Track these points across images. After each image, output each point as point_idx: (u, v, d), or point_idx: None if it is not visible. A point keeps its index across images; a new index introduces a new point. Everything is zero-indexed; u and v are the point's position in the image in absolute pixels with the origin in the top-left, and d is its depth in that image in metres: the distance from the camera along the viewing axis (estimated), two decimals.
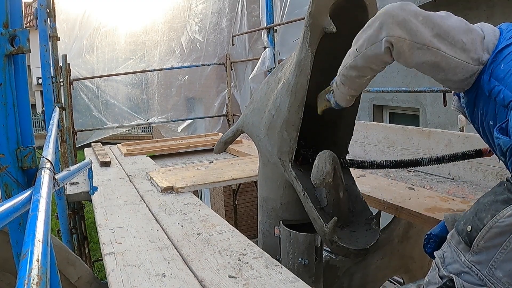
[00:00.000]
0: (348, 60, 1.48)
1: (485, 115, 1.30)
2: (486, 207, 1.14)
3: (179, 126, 7.76)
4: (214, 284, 1.58)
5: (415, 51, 1.27)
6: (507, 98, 1.19)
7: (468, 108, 1.40)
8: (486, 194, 1.20)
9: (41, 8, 3.49)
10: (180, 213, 2.41)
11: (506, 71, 1.21)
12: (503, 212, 1.09)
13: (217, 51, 7.38)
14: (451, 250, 1.22)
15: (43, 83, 3.62)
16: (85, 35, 7.06)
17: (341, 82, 1.57)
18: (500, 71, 1.23)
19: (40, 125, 19.03)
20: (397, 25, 1.26)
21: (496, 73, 1.23)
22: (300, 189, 1.93)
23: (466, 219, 1.19)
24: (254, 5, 6.51)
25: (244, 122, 2.34)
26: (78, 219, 4.28)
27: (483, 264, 1.13)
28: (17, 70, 1.19)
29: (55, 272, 1.26)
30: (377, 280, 3.13)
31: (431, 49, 1.25)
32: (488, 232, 1.11)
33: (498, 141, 1.19)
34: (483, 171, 2.61)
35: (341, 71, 1.54)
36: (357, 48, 1.41)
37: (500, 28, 1.34)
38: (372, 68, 1.44)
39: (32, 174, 1.24)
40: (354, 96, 1.65)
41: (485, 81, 1.26)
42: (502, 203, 1.11)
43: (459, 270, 1.18)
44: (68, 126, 5.11)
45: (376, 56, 1.36)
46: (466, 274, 1.16)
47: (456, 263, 1.19)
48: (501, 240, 1.09)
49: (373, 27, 1.34)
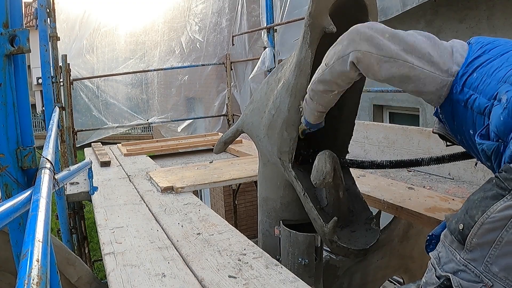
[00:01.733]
0: (317, 75, 1.55)
1: (464, 126, 1.35)
2: (476, 204, 1.14)
3: (179, 126, 7.77)
4: (214, 284, 1.58)
5: (383, 64, 1.34)
6: (482, 105, 1.24)
7: (448, 122, 1.46)
8: (475, 191, 1.21)
9: (41, 8, 3.49)
10: (180, 213, 2.41)
11: (479, 79, 1.27)
12: (493, 207, 1.09)
13: (217, 51, 7.38)
14: (446, 250, 1.23)
15: (43, 83, 3.62)
16: (85, 35, 7.06)
17: (310, 97, 1.65)
18: (473, 80, 1.29)
19: (40, 125, 19.05)
20: (364, 40, 1.35)
21: (469, 82, 1.30)
22: (300, 189, 1.93)
23: (458, 217, 1.19)
24: (254, 5, 6.51)
25: (244, 122, 2.34)
26: (78, 219, 4.28)
27: (478, 261, 1.13)
28: (17, 70, 1.19)
29: (55, 272, 1.26)
30: (377, 280, 3.13)
31: (398, 61, 1.33)
32: (479, 228, 1.11)
33: (481, 146, 1.22)
34: (483, 171, 2.61)
35: (310, 86, 1.61)
36: (326, 63, 1.49)
37: (469, 42, 1.42)
38: (338, 84, 1.52)
39: (32, 174, 1.24)
40: (323, 113, 1.73)
41: (458, 91, 1.32)
42: (492, 198, 1.11)
43: (455, 268, 1.18)
44: (68, 126, 5.11)
45: (342, 71, 1.44)
46: (462, 272, 1.16)
47: (452, 262, 1.19)
48: (493, 235, 1.09)
49: (342, 43, 1.42)
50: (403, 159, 1.90)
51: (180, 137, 6.04)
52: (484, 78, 1.27)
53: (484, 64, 1.30)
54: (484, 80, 1.26)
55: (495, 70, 1.26)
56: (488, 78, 1.26)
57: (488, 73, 1.27)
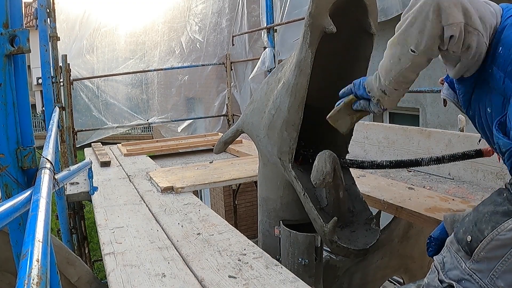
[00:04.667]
0: (403, 65, 1.30)
1: (482, 102, 1.24)
2: (486, 218, 1.13)
3: (179, 126, 7.77)
4: (214, 284, 1.58)
5: (469, 36, 1.16)
6: (508, 89, 1.12)
7: (464, 93, 1.32)
8: (485, 201, 1.19)
9: (41, 8, 3.49)
10: (180, 213, 2.41)
11: (505, 57, 1.14)
12: (504, 225, 1.08)
13: (217, 51, 7.38)
14: (451, 256, 1.22)
15: (43, 83, 3.62)
16: (85, 35, 7.07)
17: (393, 88, 1.41)
18: (500, 57, 1.16)
19: (40, 125, 19.03)
20: (455, 7, 1.13)
21: (496, 58, 1.17)
22: (300, 189, 1.93)
23: (465, 227, 1.18)
24: (254, 5, 6.51)
25: (244, 122, 2.33)
26: (78, 219, 4.29)
27: (484, 273, 1.12)
28: (17, 70, 1.19)
29: (55, 272, 1.26)
30: (377, 280, 3.13)
31: (475, 32, 1.16)
32: (488, 244, 1.10)
33: (497, 140, 1.16)
34: (483, 171, 2.61)
35: (394, 78, 1.36)
36: (412, 48, 1.24)
37: (501, 6, 1.26)
38: (429, 60, 1.29)
39: (32, 174, 1.24)
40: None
41: (488, 64, 1.19)
42: (503, 215, 1.10)
43: (459, 277, 1.17)
44: (68, 126, 5.11)
45: (433, 48, 1.21)
46: (466, 281, 1.16)
47: (456, 270, 1.19)
48: (502, 252, 1.09)
49: (426, 18, 1.17)
50: (403, 159, 1.90)
51: (180, 137, 6.04)
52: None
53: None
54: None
55: None
56: None
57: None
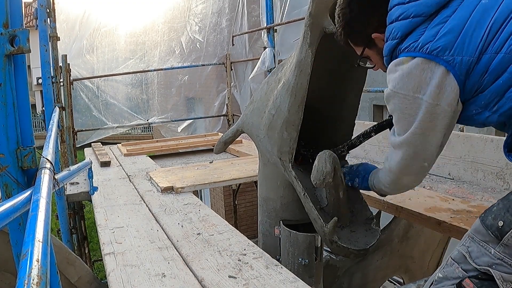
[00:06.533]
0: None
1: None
2: None
3: (179, 126, 7.76)
4: (214, 284, 1.58)
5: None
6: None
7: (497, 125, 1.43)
8: None
9: (41, 8, 3.49)
10: (180, 213, 2.41)
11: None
12: None
13: (217, 51, 7.38)
14: (477, 245, 1.26)
15: (43, 83, 3.62)
16: (85, 35, 7.06)
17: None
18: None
19: (40, 125, 19.05)
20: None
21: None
22: (300, 189, 1.93)
23: (495, 214, 1.23)
24: (254, 5, 6.51)
25: (244, 122, 2.33)
26: (78, 219, 4.29)
27: None
28: (17, 70, 1.19)
29: (55, 272, 1.26)
30: (377, 280, 3.13)
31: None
32: None
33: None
34: (483, 171, 2.61)
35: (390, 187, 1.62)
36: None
37: None
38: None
39: (32, 174, 1.24)
40: None
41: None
42: None
43: (489, 262, 1.22)
44: (68, 126, 5.11)
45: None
46: (498, 265, 1.21)
47: (485, 256, 1.23)
48: None
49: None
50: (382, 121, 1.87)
51: (180, 137, 6.04)
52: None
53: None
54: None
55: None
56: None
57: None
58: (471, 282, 1.24)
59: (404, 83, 1.28)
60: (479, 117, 1.26)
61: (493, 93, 1.19)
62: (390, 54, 1.36)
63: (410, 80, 1.26)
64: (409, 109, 1.30)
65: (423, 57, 1.23)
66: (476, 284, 1.23)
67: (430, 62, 1.22)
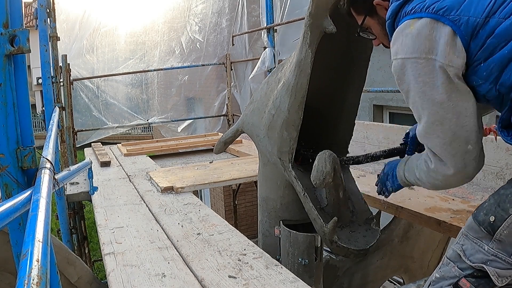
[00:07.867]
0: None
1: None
2: (510, 198, 1.18)
3: (179, 126, 7.76)
4: (214, 284, 1.58)
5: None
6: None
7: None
8: (505, 186, 1.24)
9: (41, 8, 3.49)
10: (180, 213, 2.41)
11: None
12: None
13: (217, 51, 7.37)
14: (471, 242, 1.26)
15: (43, 83, 3.62)
16: (85, 35, 7.06)
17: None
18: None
19: (40, 125, 19.04)
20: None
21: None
22: (300, 189, 1.93)
23: (487, 210, 1.22)
24: (254, 5, 6.50)
25: (244, 122, 2.33)
26: (78, 219, 4.29)
27: (508, 250, 1.18)
28: (17, 70, 1.19)
29: (55, 272, 1.26)
30: (377, 280, 3.13)
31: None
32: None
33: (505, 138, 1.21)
34: (483, 171, 2.60)
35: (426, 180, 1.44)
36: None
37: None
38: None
39: (32, 174, 1.24)
40: None
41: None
42: None
43: (484, 259, 1.22)
44: (68, 126, 5.11)
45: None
46: (492, 261, 1.20)
47: (479, 253, 1.23)
48: None
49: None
50: (395, 147, 1.85)
51: (180, 137, 6.04)
52: None
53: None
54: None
55: None
56: None
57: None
58: (468, 282, 1.24)
59: (414, 45, 1.20)
60: (480, 89, 1.20)
61: (497, 63, 1.13)
62: (393, 16, 1.31)
63: (420, 41, 1.19)
64: (423, 75, 1.20)
65: (430, 17, 1.18)
66: (473, 284, 1.23)
67: (437, 22, 1.17)
